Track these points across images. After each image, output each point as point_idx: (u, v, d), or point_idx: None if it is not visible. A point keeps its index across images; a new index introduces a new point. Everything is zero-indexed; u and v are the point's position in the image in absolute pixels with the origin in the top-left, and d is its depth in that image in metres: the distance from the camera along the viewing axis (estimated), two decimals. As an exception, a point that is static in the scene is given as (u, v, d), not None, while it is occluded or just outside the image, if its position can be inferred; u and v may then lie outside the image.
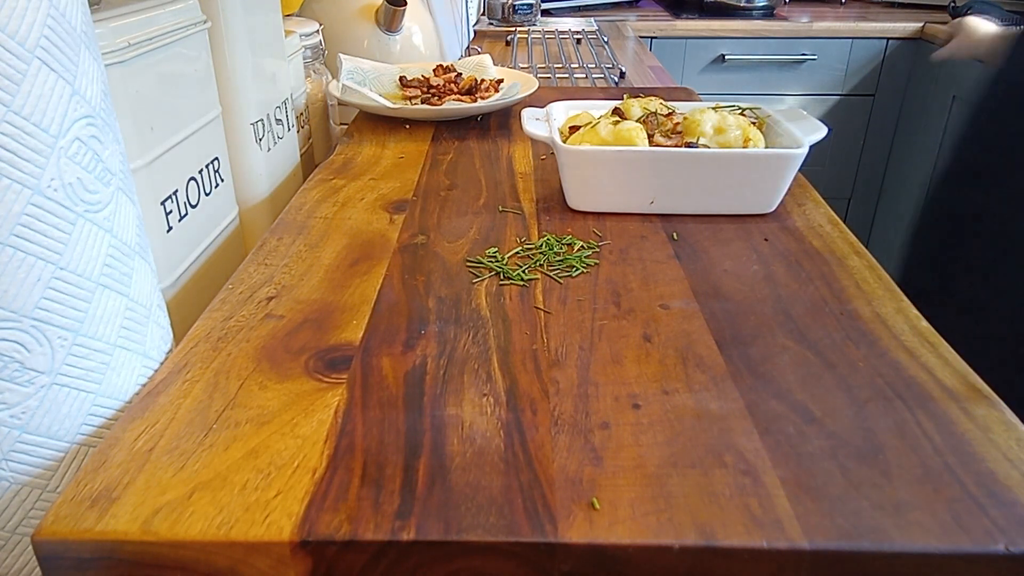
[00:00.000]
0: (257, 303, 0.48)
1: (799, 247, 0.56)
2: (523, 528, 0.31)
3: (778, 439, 0.36)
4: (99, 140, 0.37)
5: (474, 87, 0.90)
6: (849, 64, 1.90)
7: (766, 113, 0.68)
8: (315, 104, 0.90)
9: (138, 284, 0.40)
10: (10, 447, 0.34)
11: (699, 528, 0.31)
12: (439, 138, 0.82)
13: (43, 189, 0.33)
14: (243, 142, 0.66)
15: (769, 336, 0.44)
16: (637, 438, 0.36)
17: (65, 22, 0.34)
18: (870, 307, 0.48)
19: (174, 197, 0.54)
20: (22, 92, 0.32)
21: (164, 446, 0.36)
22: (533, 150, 0.77)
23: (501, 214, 0.62)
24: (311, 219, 0.60)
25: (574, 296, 0.49)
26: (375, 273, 0.52)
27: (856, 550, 0.30)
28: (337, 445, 0.36)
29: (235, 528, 0.31)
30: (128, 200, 0.40)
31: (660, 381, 0.40)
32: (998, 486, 0.33)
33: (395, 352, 0.43)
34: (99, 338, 0.37)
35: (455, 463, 0.34)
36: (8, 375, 0.33)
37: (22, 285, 0.33)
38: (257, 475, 0.34)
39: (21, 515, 0.36)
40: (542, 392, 0.39)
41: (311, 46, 0.88)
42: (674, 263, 0.53)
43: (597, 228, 0.59)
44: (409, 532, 0.31)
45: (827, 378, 0.41)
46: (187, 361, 0.42)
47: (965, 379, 0.41)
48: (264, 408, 0.38)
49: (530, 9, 1.81)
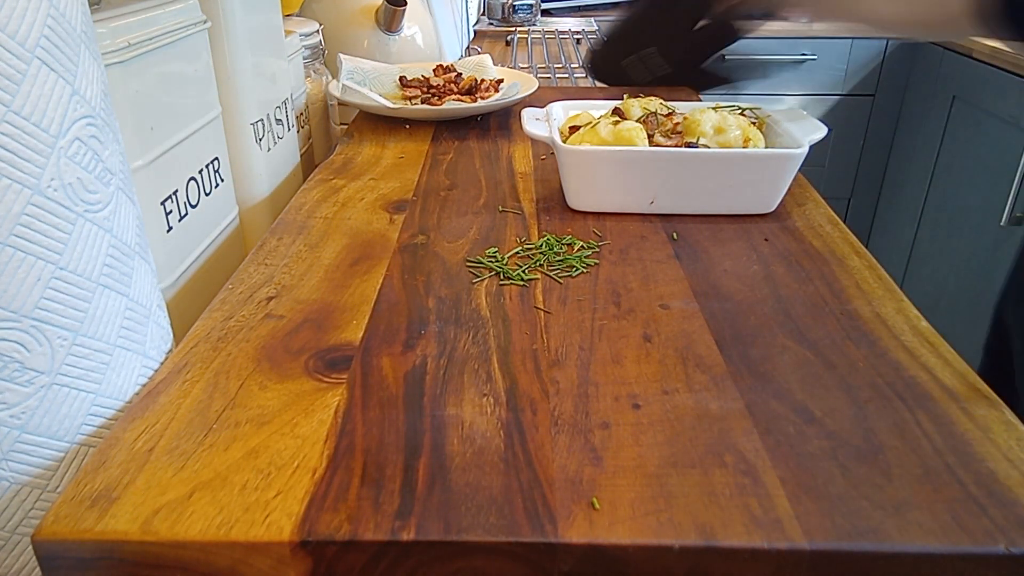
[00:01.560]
0: (257, 303, 0.48)
1: (799, 247, 0.56)
2: (523, 528, 0.31)
3: (778, 439, 0.36)
4: (99, 140, 0.37)
5: (474, 87, 0.90)
6: (849, 64, 1.90)
7: (766, 113, 0.68)
8: (315, 104, 0.90)
9: (138, 284, 0.40)
10: (10, 447, 0.34)
11: (699, 528, 0.31)
12: (439, 138, 0.82)
13: (43, 189, 0.33)
14: (243, 142, 0.66)
15: (769, 336, 0.44)
16: (637, 438, 0.36)
17: (65, 22, 0.34)
18: (870, 307, 0.48)
19: (174, 197, 0.54)
20: (22, 92, 0.32)
21: (164, 446, 0.36)
22: (533, 150, 0.77)
23: (501, 214, 0.62)
24: (311, 219, 0.60)
25: (574, 296, 0.49)
26: (375, 273, 0.52)
27: (856, 550, 0.30)
28: (337, 445, 0.36)
29: (235, 528, 0.31)
30: (128, 200, 0.40)
31: (660, 381, 0.40)
32: (998, 486, 0.33)
33: (395, 352, 0.43)
34: (99, 338, 0.37)
35: (455, 463, 0.34)
36: (8, 375, 0.33)
37: (22, 285, 0.33)
38: (257, 475, 0.34)
39: (21, 515, 0.36)
40: (542, 392, 0.39)
41: (311, 46, 0.88)
42: (674, 263, 0.53)
43: (597, 228, 0.59)
44: (409, 532, 0.31)
45: (827, 378, 0.41)
46: (187, 361, 0.42)
47: (965, 379, 0.41)
48: (264, 408, 0.38)
49: (530, 9, 1.81)
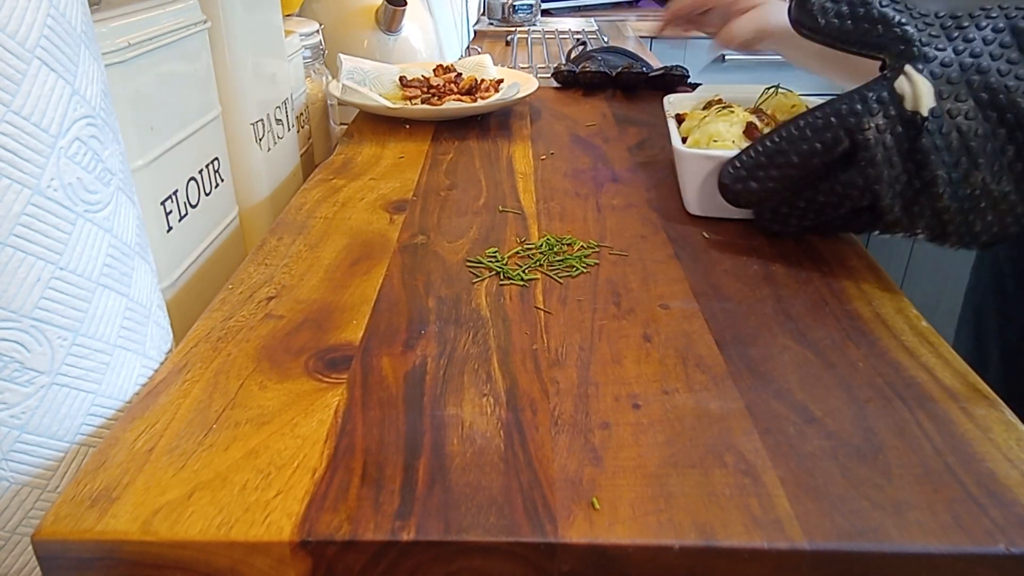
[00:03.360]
0: (257, 303, 0.48)
1: (799, 247, 0.56)
2: (523, 528, 0.31)
3: (778, 439, 0.36)
4: (99, 140, 0.37)
5: (474, 87, 0.90)
6: (849, 64, 1.90)
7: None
8: (315, 104, 0.90)
9: (138, 284, 0.40)
10: (10, 447, 0.34)
11: (699, 528, 0.31)
12: (439, 138, 0.82)
13: (43, 189, 0.33)
14: (243, 142, 0.66)
15: (769, 336, 0.44)
16: (637, 438, 0.36)
17: (65, 22, 0.34)
18: (870, 307, 0.48)
19: (174, 197, 0.54)
20: (22, 92, 0.32)
21: (164, 446, 0.36)
22: (533, 150, 0.77)
23: (501, 214, 0.62)
24: (311, 219, 0.60)
25: (574, 296, 0.49)
26: (375, 273, 0.52)
27: (856, 550, 0.30)
28: (337, 445, 0.36)
29: (235, 528, 0.31)
30: (128, 200, 0.40)
31: (660, 381, 0.40)
32: (998, 486, 0.33)
33: (395, 352, 0.43)
34: (99, 338, 0.37)
35: (455, 463, 0.34)
36: (8, 375, 0.33)
37: (22, 285, 0.33)
38: (257, 475, 0.34)
39: (21, 515, 0.36)
40: (542, 392, 0.39)
41: (311, 46, 0.88)
42: (674, 263, 0.53)
43: (597, 228, 0.59)
44: (409, 532, 0.31)
45: (827, 378, 0.41)
46: (187, 361, 0.42)
47: (965, 379, 0.41)
48: (264, 408, 0.38)
49: (530, 9, 1.81)
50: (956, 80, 0.44)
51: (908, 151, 0.46)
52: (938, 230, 0.48)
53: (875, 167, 0.47)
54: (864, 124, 0.46)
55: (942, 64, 0.45)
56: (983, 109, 0.44)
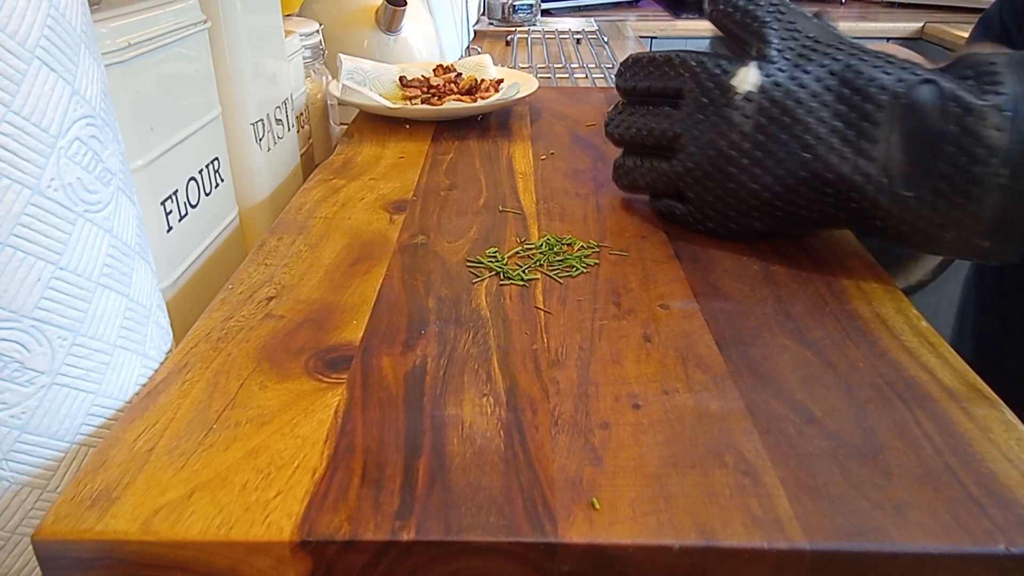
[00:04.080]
0: (257, 303, 0.48)
1: (799, 247, 0.56)
2: (523, 528, 0.31)
3: (778, 439, 0.36)
4: (99, 140, 0.37)
5: (474, 87, 0.90)
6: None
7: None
8: (315, 104, 0.90)
9: (138, 284, 0.40)
10: (10, 447, 0.34)
11: (699, 528, 0.31)
12: (439, 138, 0.82)
13: (43, 189, 0.33)
14: (243, 142, 0.66)
15: (769, 336, 0.44)
16: (637, 438, 0.36)
17: (65, 22, 0.34)
18: (870, 307, 0.48)
19: (174, 197, 0.54)
20: (22, 92, 0.32)
21: (164, 446, 0.36)
22: (533, 150, 0.77)
23: (501, 214, 0.62)
24: (311, 219, 0.60)
25: (574, 296, 0.49)
26: (375, 273, 0.52)
27: (856, 550, 0.30)
28: (337, 445, 0.36)
29: (235, 528, 0.31)
30: (128, 200, 0.40)
31: (660, 381, 0.40)
32: (998, 486, 0.33)
33: (395, 352, 0.43)
34: (99, 338, 0.37)
35: (455, 463, 0.34)
36: (8, 375, 0.33)
37: (22, 285, 0.33)
38: (257, 475, 0.34)
39: (21, 515, 0.36)
40: (542, 392, 0.39)
41: (311, 46, 0.88)
42: (674, 263, 0.53)
43: (597, 228, 0.59)
44: (409, 532, 0.31)
45: (827, 378, 0.41)
46: (187, 361, 0.42)
47: (965, 379, 0.41)
48: (264, 408, 0.38)
49: (530, 9, 1.81)
50: (778, 99, 0.49)
51: (714, 112, 0.52)
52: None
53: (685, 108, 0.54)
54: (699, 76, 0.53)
55: (775, 83, 0.50)
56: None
